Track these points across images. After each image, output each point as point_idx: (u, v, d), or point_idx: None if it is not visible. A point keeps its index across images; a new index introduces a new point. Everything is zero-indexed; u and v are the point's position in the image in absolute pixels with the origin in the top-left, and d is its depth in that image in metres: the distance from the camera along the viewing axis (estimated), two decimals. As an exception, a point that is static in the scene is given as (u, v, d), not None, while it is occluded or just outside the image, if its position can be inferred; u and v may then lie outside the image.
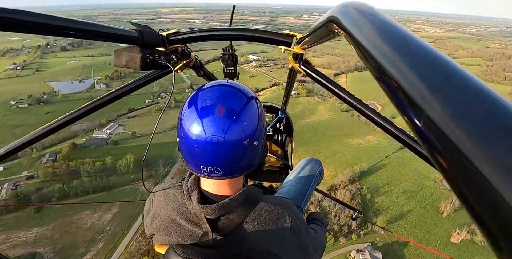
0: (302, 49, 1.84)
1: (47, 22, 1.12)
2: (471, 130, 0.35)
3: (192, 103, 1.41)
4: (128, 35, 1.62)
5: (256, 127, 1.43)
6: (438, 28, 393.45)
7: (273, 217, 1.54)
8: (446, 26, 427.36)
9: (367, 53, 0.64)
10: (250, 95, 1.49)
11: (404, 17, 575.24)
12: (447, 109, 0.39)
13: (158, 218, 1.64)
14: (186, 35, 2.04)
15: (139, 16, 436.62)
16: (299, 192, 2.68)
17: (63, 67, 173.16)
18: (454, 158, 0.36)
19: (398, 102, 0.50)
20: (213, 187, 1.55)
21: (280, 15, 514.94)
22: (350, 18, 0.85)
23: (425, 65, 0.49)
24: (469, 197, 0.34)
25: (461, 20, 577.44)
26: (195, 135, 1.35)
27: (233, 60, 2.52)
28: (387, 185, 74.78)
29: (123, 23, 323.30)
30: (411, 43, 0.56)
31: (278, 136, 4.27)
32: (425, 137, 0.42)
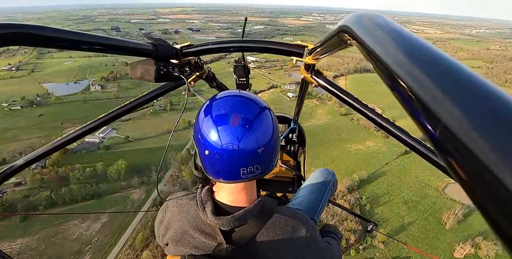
0: (314, 60, 1.87)
1: (66, 37, 1.16)
2: (492, 140, 0.35)
3: (208, 112, 1.46)
4: (143, 48, 1.70)
5: (271, 137, 1.46)
6: (438, 30, 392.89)
7: (288, 229, 1.55)
8: (446, 27, 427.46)
9: (380, 62, 0.64)
10: (263, 105, 1.52)
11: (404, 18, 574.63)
12: (465, 119, 0.38)
13: (172, 229, 1.64)
14: (199, 47, 2.09)
15: (138, 16, 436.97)
16: (312, 203, 2.63)
17: (59, 68, 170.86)
18: (473, 169, 0.35)
19: (413, 112, 0.49)
20: (228, 197, 1.56)
21: (280, 16, 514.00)
22: (362, 28, 0.85)
23: (442, 74, 0.48)
24: (490, 209, 0.34)
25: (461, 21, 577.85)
26: (220, 142, 1.38)
27: (245, 71, 2.58)
28: (387, 194, 72.11)
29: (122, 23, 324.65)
30: (427, 52, 0.56)
31: (291, 146, 4.30)
32: (441, 147, 0.41)
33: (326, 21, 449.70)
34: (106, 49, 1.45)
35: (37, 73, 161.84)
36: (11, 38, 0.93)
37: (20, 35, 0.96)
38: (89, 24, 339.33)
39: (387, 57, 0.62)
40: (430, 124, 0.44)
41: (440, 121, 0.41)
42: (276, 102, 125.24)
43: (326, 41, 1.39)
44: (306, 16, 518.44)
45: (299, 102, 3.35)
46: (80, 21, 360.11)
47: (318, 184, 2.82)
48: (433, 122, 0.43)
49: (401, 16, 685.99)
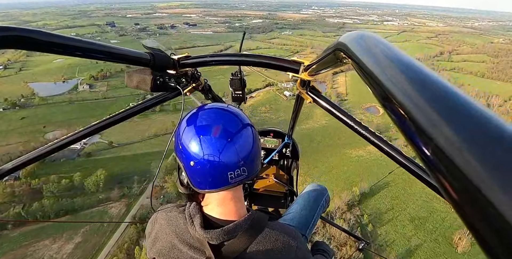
0: (310, 76, 1.91)
1: (63, 42, 1.18)
2: (484, 161, 0.35)
3: (191, 122, 1.47)
4: (140, 58, 1.72)
5: (250, 151, 1.46)
6: (440, 22, 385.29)
7: (279, 244, 1.52)
8: (448, 20, 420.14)
9: (374, 81, 0.66)
10: (246, 122, 1.53)
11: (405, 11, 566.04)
12: (457, 139, 0.39)
13: (160, 242, 1.61)
14: (197, 59, 2.15)
15: (135, 11, 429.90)
16: (304, 219, 2.68)
17: (48, 66, 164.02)
18: (464, 189, 0.36)
19: (406, 130, 0.50)
20: (217, 209, 1.54)
21: (279, 9, 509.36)
22: (358, 47, 0.87)
23: (434, 94, 0.49)
24: (480, 229, 0.34)
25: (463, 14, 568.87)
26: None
27: (241, 84, 2.65)
28: (392, 210, 65.25)
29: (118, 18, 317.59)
30: (420, 73, 0.57)
31: (284, 161, 4.42)
32: (433, 166, 0.42)
33: (325, 14, 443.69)
34: (103, 57, 1.45)
35: (25, 72, 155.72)
36: (8, 41, 0.94)
37: (17, 38, 0.97)
38: (84, 19, 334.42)
39: (381, 77, 0.64)
40: (422, 144, 0.44)
41: (432, 141, 0.42)
42: (272, 102, 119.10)
43: (322, 58, 1.41)
44: (305, 10, 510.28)
45: (293, 117, 3.37)
46: (76, 16, 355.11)
47: (310, 200, 2.86)
48: (425, 141, 0.44)
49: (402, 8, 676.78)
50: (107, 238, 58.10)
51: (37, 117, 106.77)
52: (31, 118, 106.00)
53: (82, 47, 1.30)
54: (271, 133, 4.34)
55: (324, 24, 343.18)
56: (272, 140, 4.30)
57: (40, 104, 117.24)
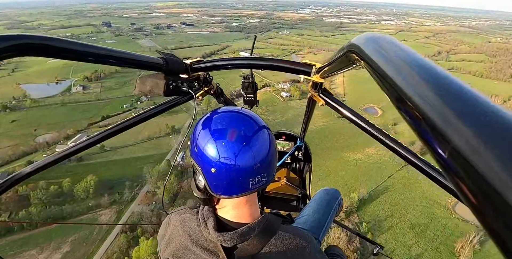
0: (322, 78, 1.92)
1: (77, 48, 1.21)
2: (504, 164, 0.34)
3: (206, 125, 1.49)
4: (154, 63, 1.76)
5: (267, 154, 1.48)
6: (437, 22, 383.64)
7: (292, 247, 1.53)
8: (445, 19, 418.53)
9: (388, 83, 0.65)
10: (261, 124, 1.54)
11: (402, 10, 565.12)
12: (476, 141, 0.38)
13: (173, 244, 1.64)
14: (209, 63, 2.18)
15: (132, 11, 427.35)
16: (317, 223, 2.69)
17: (42, 67, 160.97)
18: (483, 193, 0.35)
19: (422, 133, 0.49)
20: (231, 212, 1.56)
21: (276, 9, 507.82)
22: (371, 48, 0.86)
23: (451, 96, 0.49)
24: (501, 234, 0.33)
25: (460, 13, 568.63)
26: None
27: (253, 88, 2.66)
28: (391, 216, 62.83)
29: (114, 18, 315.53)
30: (436, 74, 0.56)
31: (296, 164, 4.43)
32: (450, 169, 0.41)
33: (323, 14, 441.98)
34: (117, 62, 1.48)
35: (18, 73, 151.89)
36: (24, 49, 0.97)
37: (33, 46, 1.00)
38: (80, 19, 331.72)
39: (395, 78, 0.63)
40: (439, 146, 0.44)
41: (450, 144, 0.41)
42: (268, 103, 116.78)
43: (334, 60, 1.43)
44: (303, 9, 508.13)
45: (305, 120, 3.43)
46: (72, 16, 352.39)
47: (323, 203, 2.87)
48: (442, 144, 0.43)
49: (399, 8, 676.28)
50: (96, 247, 55.91)
51: (28, 120, 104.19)
52: (22, 121, 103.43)
53: (96, 53, 1.33)
54: (283, 136, 4.33)
55: (321, 24, 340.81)
56: (284, 143, 4.30)
57: (31, 106, 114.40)
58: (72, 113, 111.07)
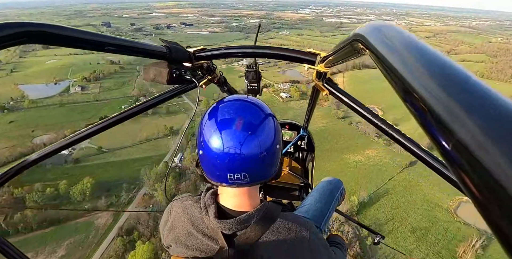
0: (326, 68, 1.93)
1: (78, 36, 1.20)
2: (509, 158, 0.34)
3: (212, 115, 1.51)
4: (157, 51, 1.75)
5: (272, 142, 1.50)
6: (437, 22, 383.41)
7: (291, 234, 1.55)
8: (446, 19, 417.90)
9: (393, 73, 0.63)
10: (267, 112, 1.57)
11: (403, 10, 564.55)
12: (481, 134, 0.38)
13: (176, 230, 1.67)
14: (212, 52, 2.17)
15: (131, 11, 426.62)
16: (319, 212, 2.71)
17: (41, 67, 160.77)
18: (487, 186, 0.35)
19: (427, 125, 0.49)
20: (231, 201, 1.59)
21: (276, 9, 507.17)
22: (377, 38, 0.85)
23: (458, 88, 0.48)
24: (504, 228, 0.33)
25: (460, 13, 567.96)
26: (222, 146, 1.43)
27: (257, 77, 2.63)
28: (392, 220, 61.91)
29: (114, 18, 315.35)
30: (443, 64, 0.55)
31: (299, 153, 4.42)
32: (454, 161, 0.41)
33: (323, 14, 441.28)
34: (121, 51, 1.48)
35: (16, 74, 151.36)
36: (24, 37, 0.96)
37: (35, 34, 1.00)
38: (80, 19, 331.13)
39: (401, 69, 0.62)
40: (444, 138, 0.43)
41: (454, 136, 0.41)
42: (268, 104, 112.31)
43: (339, 49, 1.41)
44: (303, 9, 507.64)
45: (309, 109, 3.44)
46: (72, 16, 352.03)
47: (325, 192, 2.88)
48: (446, 136, 0.43)
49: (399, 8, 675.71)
50: (92, 251, 55.05)
51: (26, 121, 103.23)
52: (20, 122, 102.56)
53: (98, 41, 1.32)
54: (286, 125, 4.29)
55: (321, 24, 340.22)
56: (287, 132, 4.29)
57: (29, 107, 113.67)
58: (70, 114, 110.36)
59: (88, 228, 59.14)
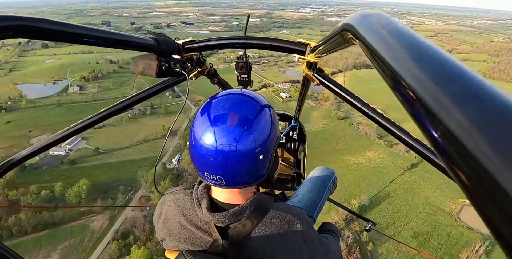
0: (316, 58, 1.91)
1: (67, 30, 1.19)
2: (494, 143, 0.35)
3: (205, 111, 1.48)
4: (145, 43, 1.72)
5: (268, 136, 1.48)
6: (438, 21, 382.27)
7: (284, 224, 1.56)
8: (447, 18, 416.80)
9: (382, 62, 0.64)
10: (263, 103, 1.55)
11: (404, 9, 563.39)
12: (467, 121, 0.39)
13: (169, 223, 1.67)
14: (201, 43, 2.15)
15: (132, 10, 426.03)
16: (311, 201, 2.70)
17: (40, 67, 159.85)
18: (473, 171, 0.36)
19: (415, 113, 0.49)
20: (223, 195, 1.59)
21: (277, 8, 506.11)
22: (365, 27, 0.86)
23: (444, 75, 0.48)
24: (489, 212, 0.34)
25: (461, 12, 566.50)
26: (205, 143, 1.41)
27: (247, 68, 2.69)
28: (393, 224, 60.52)
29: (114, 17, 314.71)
30: (430, 52, 0.56)
31: (291, 144, 4.42)
32: (442, 148, 0.42)
33: (324, 13, 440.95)
34: (108, 43, 1.45)
35: (15, 73, 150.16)
36: (13, 30, 0.95)
37: (21, 27, 0.98)
38: (80, 18, 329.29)
39: (390, 57, 0.62)
40: (431, 126, 0.44)
41: (442, 123, 0.42)
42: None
43: (328, 39, 1.41)
44: (304, 8, 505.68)
45: (300, 100, 3.44)
46: (72, 15, 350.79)
47: (317, 182, 2.87)
48: (434, 123, 0.43)
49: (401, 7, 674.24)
50: (87, 255, 53.99)
51: (24, 121, 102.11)
52: (17, 122, 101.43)
53: (86, 34, 1.30)
54: (278, 116, 3.55)
55: (322, 23, 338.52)
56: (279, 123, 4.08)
57: (27, 107, 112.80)
58: (68, 114, 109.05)
59: (84, 231, 58.10)
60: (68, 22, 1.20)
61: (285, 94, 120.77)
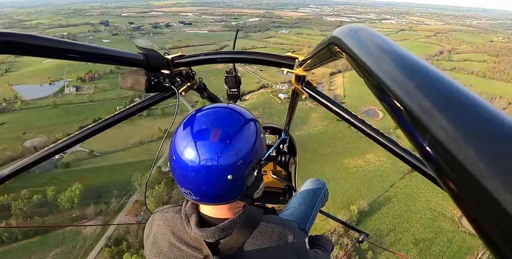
0: (305, 71, 1.96)
1: (55, 46, 1.18)
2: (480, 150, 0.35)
3: (188, 125, 1.47)
4: (134, 59, 1.72)
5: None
6: (438, 21, 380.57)
7: (275, 237, 1.55)
8: (446, 18, 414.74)
9: (369, 74, 0.66)
10: (248, 117, 1.55)
11: (403, 9, 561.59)
12: (453, 128, 0.39)
13: (158, 243, 1.66)
14: (191, 58, 2.19)
15: (131, 9, 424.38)
16: (303, 214, 2.73)
17: (37, 67, 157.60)
18: (461, 179, 0.36)
19: (402, 122, 0.50)
20: (211, 210, 1.59)
21: (276, 8, 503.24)
22: (351, 40, 0.87)
23: (428, 84, 0.50)
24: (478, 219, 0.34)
25: (460, 12, 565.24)
26: (186, 158, 1.40)
27: (236, 82, 2.73)
28: (394, 231, 58.70)
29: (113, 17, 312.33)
30: (413, 63, 0.58)
31: (282, 157, 4.52)
32: (430, 157, 0.42)
33: (323, 12, 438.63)
34: (96, 59, 1.46)
35: (12, 74, 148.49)
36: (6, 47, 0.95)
37: (9, 43, 0.97)
38: (78, 18, 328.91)
39: (375, 69, 0.65)
40: (419, 135, 0.45)
41: (428, 131, 0.42)
42: (265, 105, 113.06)
43: (316, 53, 1.42)
44: (303, 8, 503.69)
45: (290, 112, 3.49)
46: (71, 15, 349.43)
47: (309, 194, 2.89)
48: (421, 132, 0.44)
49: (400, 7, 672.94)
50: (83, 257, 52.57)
51: (18, 123, 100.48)
52: (12, 124, 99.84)
53: (75, 50, 1.30)
54: (267, 129, 4.36)
55: (321, 23, 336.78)
56: (269, 136, 4.33)
57: (22, 108, 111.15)
58: (64, 115, 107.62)
59: (76, 238, 56.54)
60: (56, 38, 1.19)
61: (284, 95, 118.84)
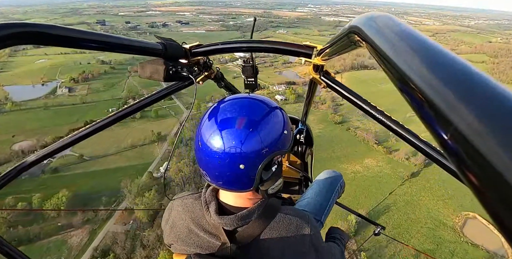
0: (323, 61, 1.93)
1: (75, 36, 1.21)
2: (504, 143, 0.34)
3: (213, 116, 1.51)
4: (152, 48, 1.74)
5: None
6: (436, 21, 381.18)
7: (292, 228, 1.58)
8: (444, 18, 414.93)
9: (390, 64, 0.64)
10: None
11: (401, 9, 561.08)
12: (478, 122, 0.38)
13: (177, 228, 1.71)
14: (208, 47, 2.17)
15: (128, 9, 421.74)
16: (319, 205, 2.72)
17: (30, 67, 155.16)
18: (485, 174, 0.35)
19: (424, 114, 0.49)
20: (231, 198, 1.62)
21: (274, 8, 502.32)
22: (373, 29, 0.86)
23: (453, 76, 0.48)
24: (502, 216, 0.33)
25: (458, 12, 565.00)
26: (212, 145, 1.43)
27: (254, 71, 2.71)
28: (393, 242, 55.18)
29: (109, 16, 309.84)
30: (438, 53, 0.56)
31: (298, 147, 4.49)
32: (452, 150, 0.41)
33: (321, 12, 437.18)
34: (116, 48, 1.48)
35: (4, 74, 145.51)
36: (23, 37, 0.98)
37: (32, 34, 1.01)
38: (75, 17, 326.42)
39: (397, 59, 0.62)
40: (441, 128, 0.43)
41: (452, 124, 0.41)
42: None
43: (335, 42, 1.42)
44: (301, 8, 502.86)
45: (307, 103, 3.51)
46: (67, 14, 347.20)
47: (325, 185, 2.88)
48: (444, 125, 0.43)
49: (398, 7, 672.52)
50: None
51: (8, 125, 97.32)
52: (1, 126, 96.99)
53: (94, 40, 1.32)
54: None
55: (319, 23, 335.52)
56: None
57: (12, 110, 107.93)
58: (55, 117, 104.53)
59: (61, 248, 53.98)
60: (78, 28, 1.22)
61: (280, 97, 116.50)
